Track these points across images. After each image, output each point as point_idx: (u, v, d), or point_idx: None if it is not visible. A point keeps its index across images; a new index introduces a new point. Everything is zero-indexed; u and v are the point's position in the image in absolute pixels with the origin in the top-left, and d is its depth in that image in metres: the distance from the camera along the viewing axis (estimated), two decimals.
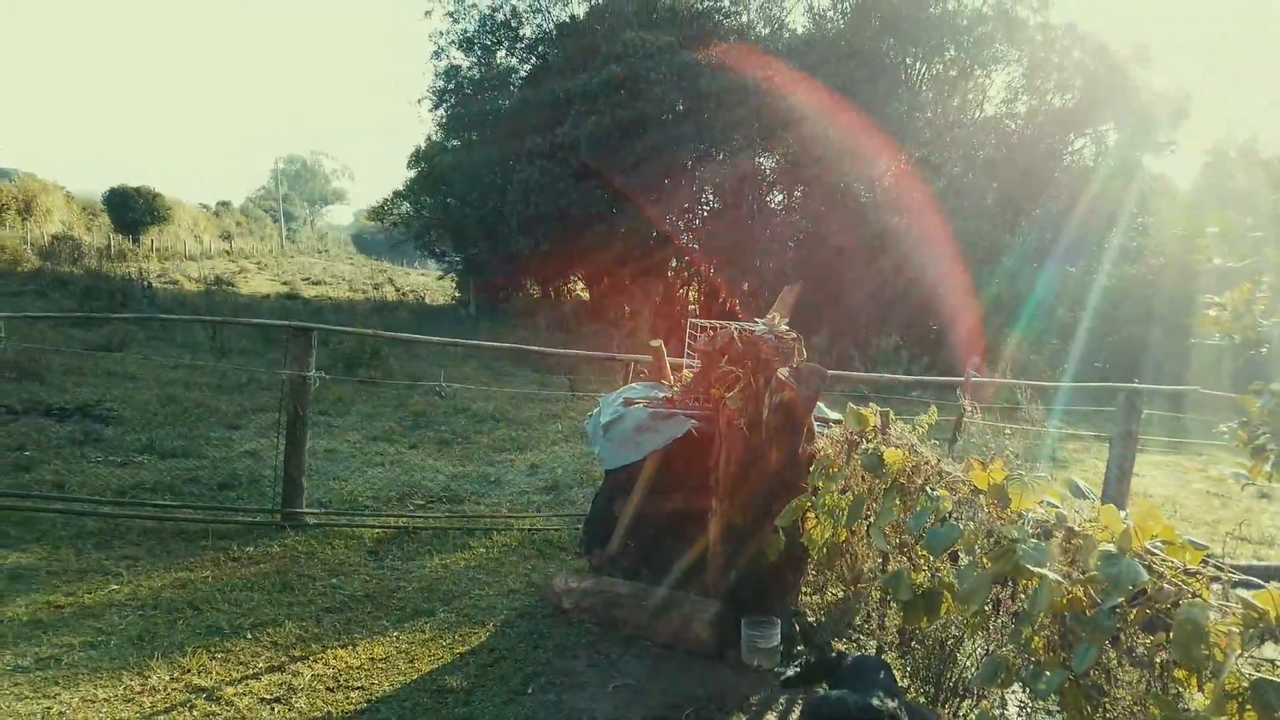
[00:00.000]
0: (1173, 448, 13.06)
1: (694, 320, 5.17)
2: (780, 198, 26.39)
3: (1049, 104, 24.42)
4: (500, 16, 25.96)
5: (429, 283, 42.73)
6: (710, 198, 25.15)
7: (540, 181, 22.38)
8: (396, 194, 32.88)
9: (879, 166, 21.97)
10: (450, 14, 26.11)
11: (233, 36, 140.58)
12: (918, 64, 25.53)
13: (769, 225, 25.29)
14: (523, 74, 27.63)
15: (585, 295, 30.81)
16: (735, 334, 4.52)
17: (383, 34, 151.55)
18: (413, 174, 31.65)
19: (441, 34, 26.48)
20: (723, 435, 4.56)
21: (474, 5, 26.03)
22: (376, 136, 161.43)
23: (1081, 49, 22.91)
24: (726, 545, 4.60)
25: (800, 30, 25.45)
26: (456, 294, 32.18)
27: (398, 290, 33.27)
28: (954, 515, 3.33)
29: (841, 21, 25.10)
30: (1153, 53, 23.22)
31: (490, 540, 6.35)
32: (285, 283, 35.25)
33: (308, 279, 39.42)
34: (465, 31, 26.35)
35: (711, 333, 4.77)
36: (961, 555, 3.30)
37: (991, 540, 3.17)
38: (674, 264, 27.37)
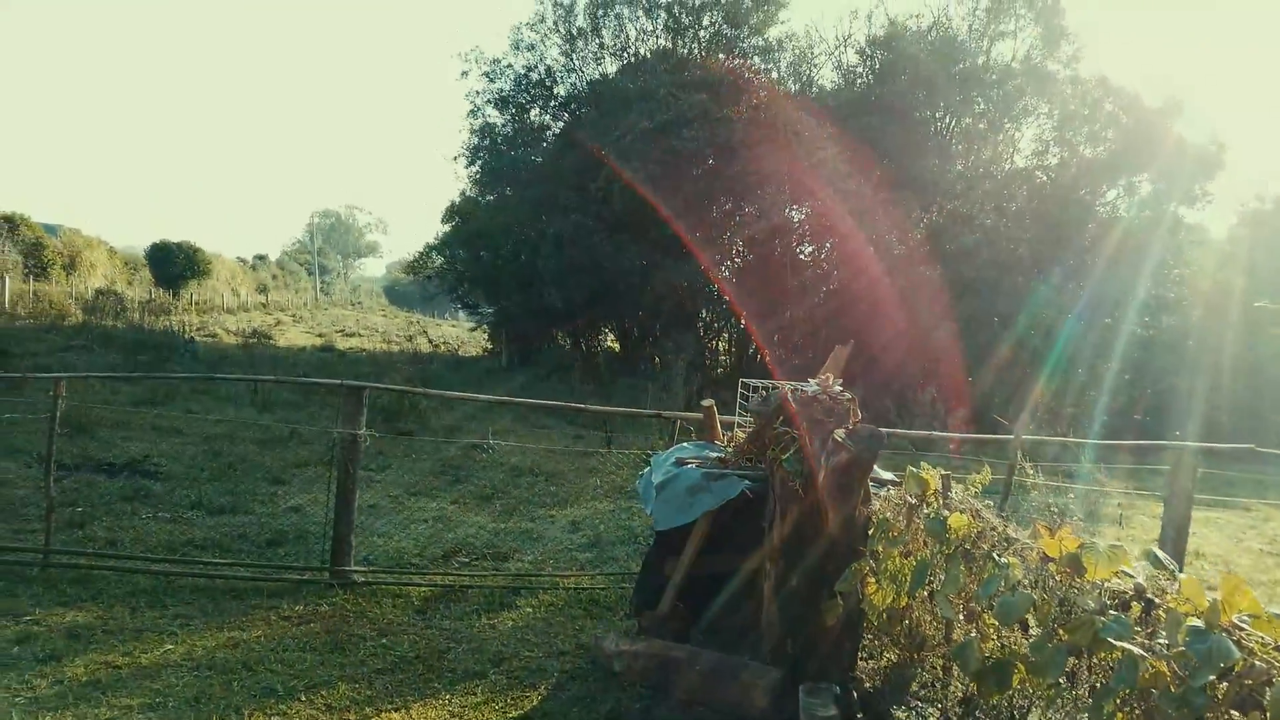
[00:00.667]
0: (1220, 503, 12.77)
1: (745, 380, 5.18)
2: (811, 250, 26.51)
3: (1080, 155, 24.44)
4: (535, 76, 26.59)
5: (460, 334, 43.16)
6: (741, 250, 25.30)
7: (574, 235, 22.68)
8: (430, 247, 33.43)
9: (911, 219, 22.04)
10: (486, 74, 26.80)
11: (271, 94, 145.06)
12: (947, 117, 25.70)
13: (800, 277, 25.38)
14: (555, 130, 28.19)
15: (616, 347, 30.98)
16: (789, 394, 4.52)
17: (418, 92, 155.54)
18: (447, 228, 32.19)
19: (478, 93, 27.08)
20: (777, 497, 4.54)
21: (509, 65, 26.71)
22: (409, 190, 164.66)
23: (1113, 101, 22.99)
24: (782, 609, 4.55)
25: (829, 86, 25.78)
26: (489, 345, 32.47)
27: (430, 342, 33.59)
28: (1023, 583, 3.28)
29: (870, 77, 25.39)
30: (1186, 104, 23.17)
31: (536, 599, 6.32)
32: (320, 335, 35.79)
33: (341, 331, 40.00)
34: (501, 90, 26.99)
35: (764, 392, 4.78)
36: (1033, 625, 3.25)
37: (1065, 610, 3.12)
38: (705, 316, 27.50)
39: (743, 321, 27.58)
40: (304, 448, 11.62)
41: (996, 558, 3.42)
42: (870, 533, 4.25)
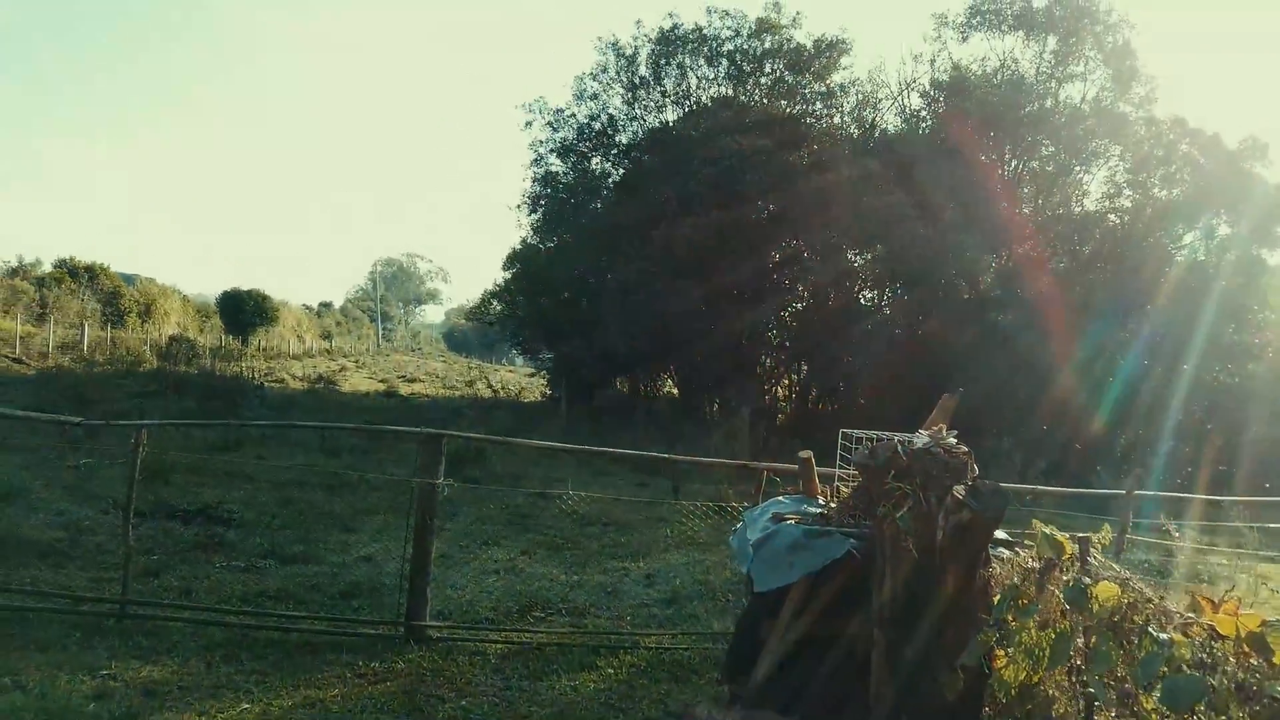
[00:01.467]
0: None
1: (846, 430, 4.90)
2: (874, 295, 26.12)
3: (1155, 198, 23.75)
4: (597, 125, 26.89)
5: (519, 379, 43.40)
6: (804, 295, 25.01)
7: (637, 281, 22.66)
8: (491, 294, 33.79)
9: (980, 264, 21.56)
10: (550, 123, 27.19)
11: (334, 143, 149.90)
12: (1014, 161, 25.26)
13: (864, 324, 24.96)
14: (615, 177, 28.41)
15: (675, 393, 30.75)
16: (898, 447, 4.23)
17: (478, 142, 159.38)
18: (507, 274, 32.51)
19: (541, 142, 27.47)
20: (887, 557, 4.22)
21: (572, 115, 27.08)
22: (468, 238, 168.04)
23: (1190, 142, 22.34)
24: (892, 680, 4.21)
25: (892, 130, 25.56)
26: (548, 391, 32.50)
27: (490, 387, 33.77)
28: (1188, 663, 2.93)
29: (934, 120, 25.13)
30: (1268, 145, 22.39)
31: (617, 659, 6.04)
32: (383, 380, 36.25)
33: (403, 377, 40.52)
34: (564, 140, 27.33)
35: (869, 443, 4.49)
36: (1200, 712, 2.89)
37: (1244, 696, 2.77)
38: (766, 362, 27.17)
39: (803, 367, 27.23)
40: (373, 494, 11.58)
41: (1154, 633, 3.07)
42: (996, 600, 3.91)
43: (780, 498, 5.21)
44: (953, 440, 4.29)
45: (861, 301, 25.51)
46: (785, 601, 4.67)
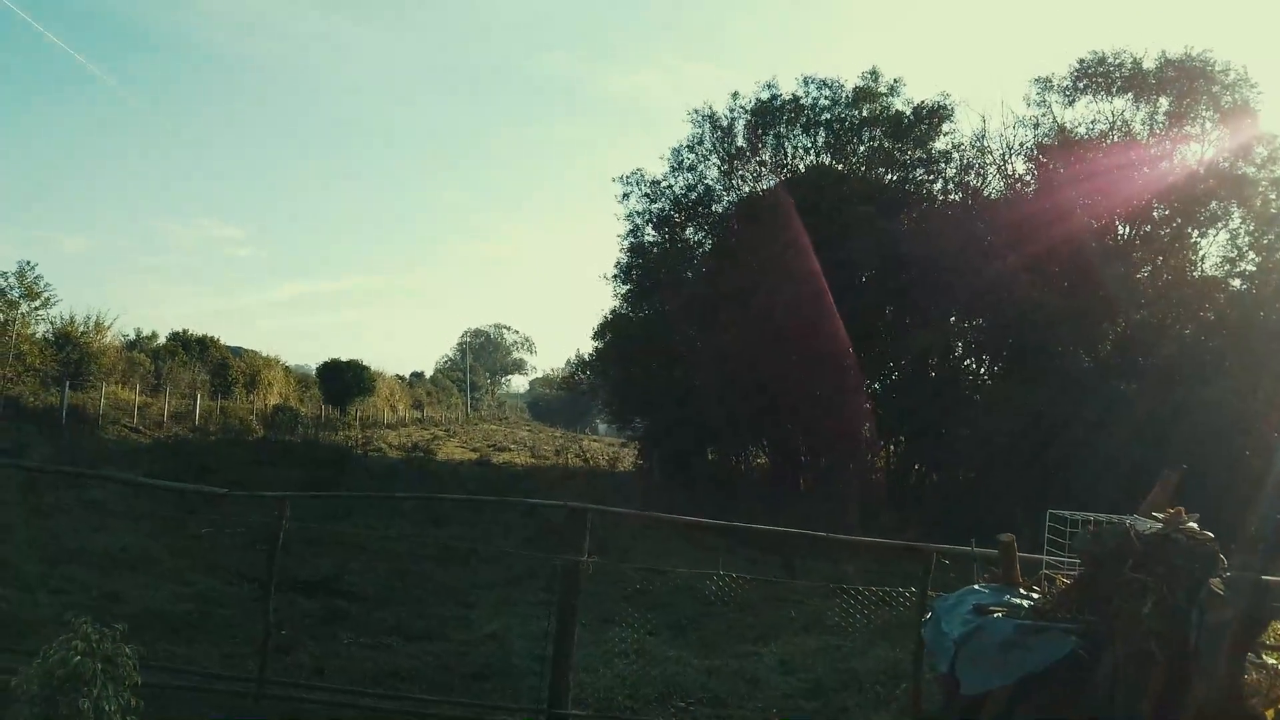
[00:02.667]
0: None
1: (1055, 511, 4.44)
2: (979, 365, 25.20)
3: None
4: (694, 195, 27.04)
5: (604, 448, 43.23)
6: (907, 364, 24.28)
7: (734, 349, 22.34)
8: (582, 363, 33.92)
9: (1097, 331, 20.59)
10: (647, 194, 27.46)
11: (419, 216, 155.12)
12: (1124, 225, 24.31)
13: (970, 393, 24.04)
14: (708, 246, 28.39)
15: (766, 463, 30.04)
16: (1131, 532, 3.76)
17: (564, 213, 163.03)
18: (598, 344, 32.60)
19: (638, 214, 27.74)
20: (1120, 661, 3.71)
21: (669, 186, 27.30)
22: (551, 307, 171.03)
23: None
24: None
25: (994, 195, 24.92)
26: (640, 461, 32.15)
27: (581, 457, 33.64)
28: None
29: (1038, 184, 24.42)
30: None
31: None
32: (474, 449, 36.51)
33: (493, 446, 40.75)
34: (661, 210, 27.53)
35: (1094, 528, 4.02)
36: None
37: None
38: (866, 433, 26.33)
39: (903, 439, 26.31)
40: (484, 566, 11.36)
41: None
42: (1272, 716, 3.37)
43: (976, 586, 4.72)
44: (1194, 525, 3.79)
45: (967, 370, 24.63)
46: (985, 705, 4.17)
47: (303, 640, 7.20)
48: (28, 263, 28.41)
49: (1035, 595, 4.36)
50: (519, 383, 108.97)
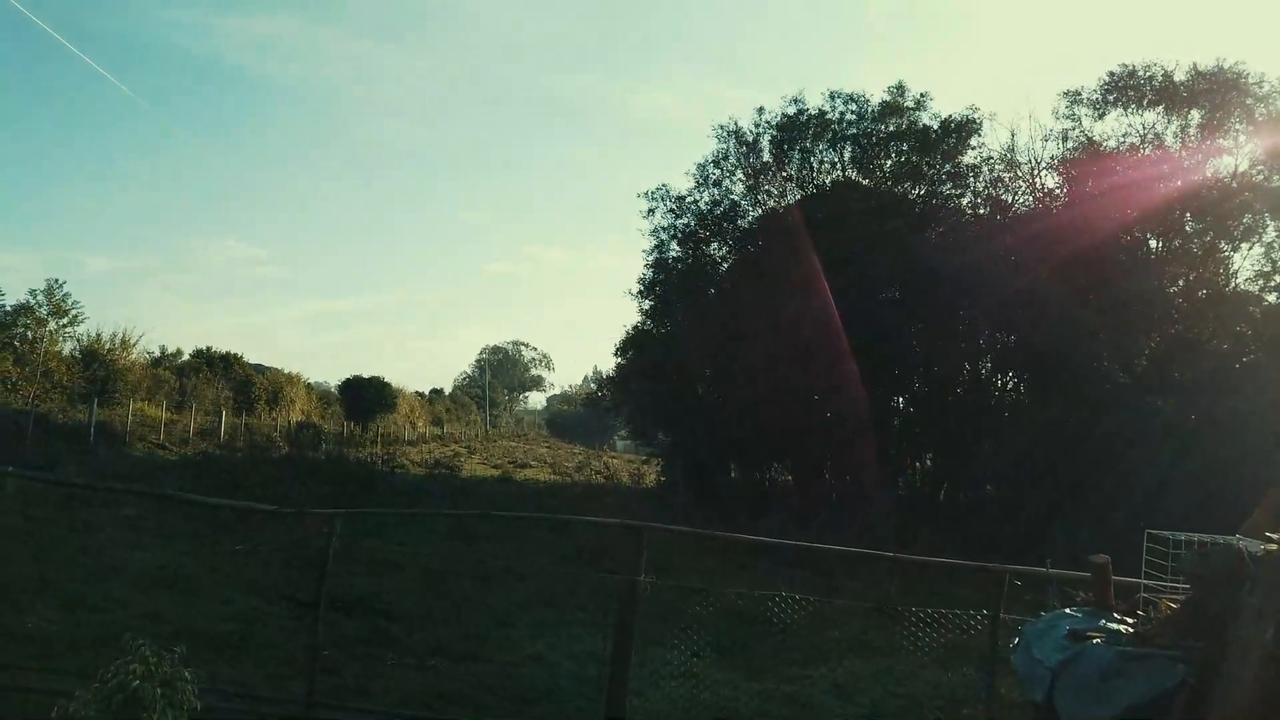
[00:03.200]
0: None
1: (1154, 532, 4.24)
2: (1009, 380, 24.87)
3: None
4: (719, 210, 26.94)
5: (623, 464, 42.99)
6: (936, 378, 24.00)
7: (765, 365, 22.18)
8: (606, 379, 33.81)
9: (1132, 347, 20.28)
10: (672, 210, 27.42)
11: (436, 234, 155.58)
12: (1155, 239, 24.00)
13: (1001, 411, 23.71)
14: (731, 261, 28.28)
15: (790, 479, 29.76)
16: (1244, 553, 3.56)
17: (581, 232, 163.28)
18: (621, 360, 32.49)
19: (663, 229, 27.69)
20: (1235, 687, 3.50)
21: (694, 201, 27.23)
22: (569, 325, 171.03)
23: None
24: None
25: (1022, 208, 24.66)
26: (662, 477, 31.94)
27: (606, 473, 33.47)
28: None
29: (1068, 198, 24.17)
30: None
31: None
32: (496, 466, 36.39)
33: (514, 462, 40.62)
34: (686, 226, 27.45)
35: (1199, 548, 3.82)
36: None
37: None
38: (892, 450, 26.02)
39: (929, 457, 25.98)
40: (518, 584, 11.20)
41: None
42: None
43: (1069, 610, 4.52)
44: None
45: (997, 385, 24.32)
46: None
47: (346, 660, 7.05)
48: (56, 280, 28.71)
49: (1132, 620, 4.16)
50: (536, 399, 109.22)
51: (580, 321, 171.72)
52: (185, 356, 36.31)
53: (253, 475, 17.94)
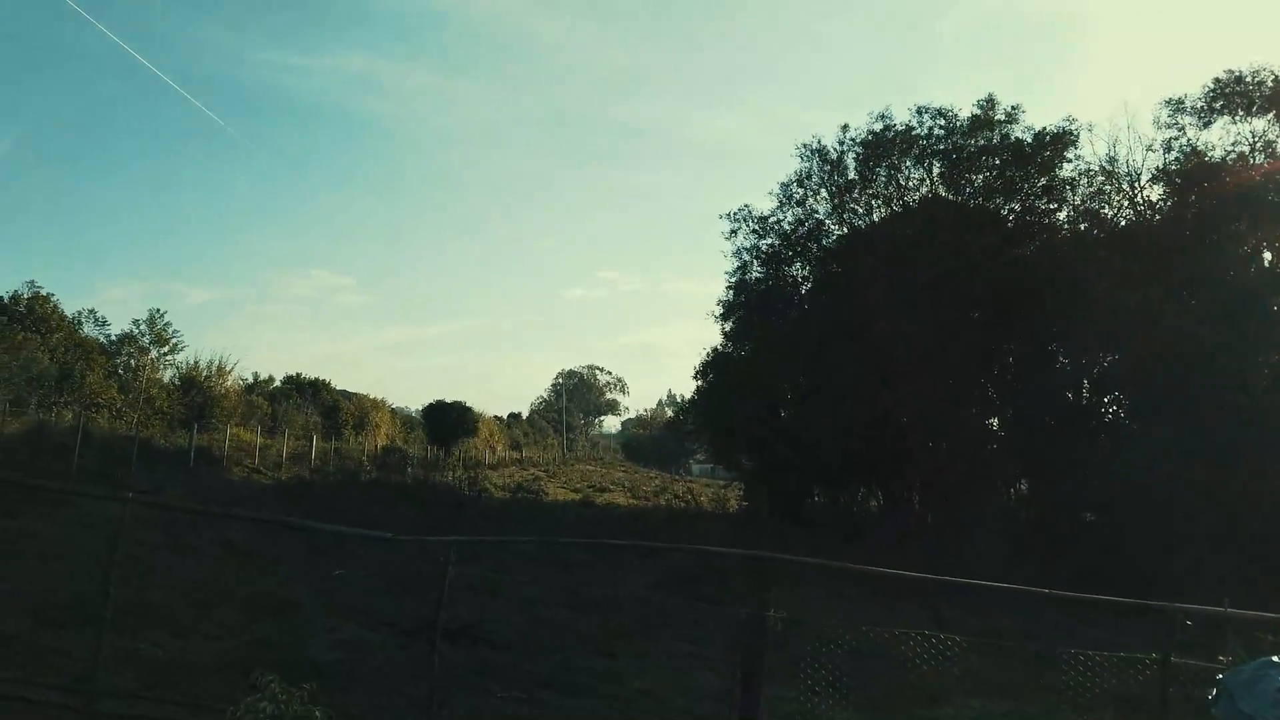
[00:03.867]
0: None
1: None
2: (1115, 402, 23.70)
3: None
4: (804, 229, 26.53)
5: (701, 489, 42.51)
6: (1037, 400, 22.98)
7: (849, 387, 21.59)
8: (687, 402, 33.53)
9: (1254, 365, 19.12)
10: (755, 230, 27.13)
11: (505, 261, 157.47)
12: (1268, 251, 22.68)
13: (1113, 436, 22.55)
14: (813, 282, 27.79)
15: (877, 504, 28.90)
16: None
17: (657, 257, 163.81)
18: (702, 383, 32.12)
19: (746, 250, 27.42)
20: None
21: (778, 221, 26.89)
22: (644, 349, 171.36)
23: None
24: None
25: (1123, 223, 23.59)
26: (744, 501, 31.40)
27: (690, 499, 33.12)
28: None
29: (1173, 211, 23.05)
30: None
31: None
32: (576, 490, 36.32)
33: (593, 486, 40.52)
34: (770, 246, 27.11)
35: None
36: None
37: None
38: (989, 477, 25.02)
39: (1025, 484, 24.91)
40: (614, 611, 10.94)
41: None
42: None
43: (1275, 658, 4.04)
44: None
45: (1100, 408, 23.22)
46: None
47: (455, 692, 6.87)
48: (158, 310, 29.85)
49: None
50: (611, 423, 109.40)
51: (654, 345, 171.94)
52: (276, 383, 37.37)
53: (343, 499, 18.15)
